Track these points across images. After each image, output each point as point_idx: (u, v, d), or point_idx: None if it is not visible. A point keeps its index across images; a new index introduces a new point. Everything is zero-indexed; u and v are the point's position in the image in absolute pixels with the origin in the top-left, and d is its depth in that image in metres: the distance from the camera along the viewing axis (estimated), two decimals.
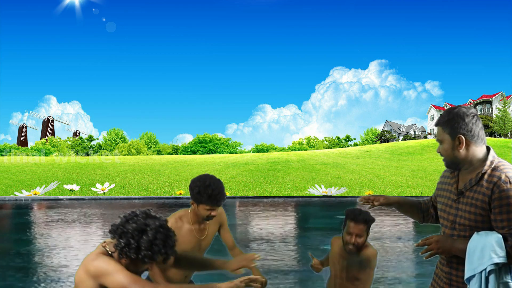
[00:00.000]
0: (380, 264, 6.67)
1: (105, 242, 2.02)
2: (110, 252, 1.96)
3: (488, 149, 2.08)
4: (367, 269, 2.75)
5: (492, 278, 1.90)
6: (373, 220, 2.72)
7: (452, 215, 2.10)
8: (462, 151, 2.05)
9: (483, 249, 1.91)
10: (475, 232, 1.99)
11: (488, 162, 2.03)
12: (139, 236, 1.90)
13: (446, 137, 2.07)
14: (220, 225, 2.90)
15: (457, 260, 2.07)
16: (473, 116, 2.04)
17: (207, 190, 2.57)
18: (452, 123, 2.05)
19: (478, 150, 2.06)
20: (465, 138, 2.03)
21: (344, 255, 2.77)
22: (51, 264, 6.88)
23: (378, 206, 2.35)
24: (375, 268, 2.80)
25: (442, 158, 2.13)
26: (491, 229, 1.98)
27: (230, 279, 2.09)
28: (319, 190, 19.49)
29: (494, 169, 2.01)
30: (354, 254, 2.73)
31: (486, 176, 2.01)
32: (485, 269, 1.90)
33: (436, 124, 2.13)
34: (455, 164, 2.10)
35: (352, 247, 2.69)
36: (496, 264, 1.89)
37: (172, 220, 2.71)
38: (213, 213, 2.66)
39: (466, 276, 1.95)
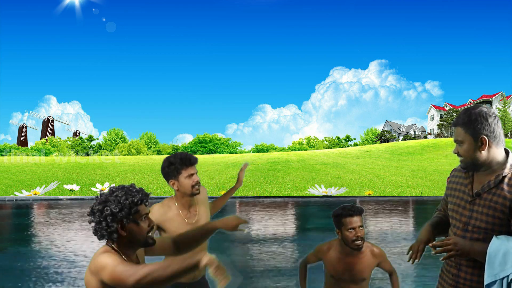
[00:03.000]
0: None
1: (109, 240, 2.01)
2: (114, 248, 1.94)
3: (507, 152, 2.04)
4: (374, 266, 2.74)
5: None
6: (363, 210, 2.74)
7: (465, 216, 2.05)
8: (484, 152, 1.98)
9: (506, 255, 1.85)
10: (494, 236, 1.92)
11: (508, 165, 1.99)
12: (106, 207, 1.90)
13: (468, 138, 1.99)
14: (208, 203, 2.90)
15: (466, 262, 2.03)
16: (495, 116, 2.00)
17: (175, 157, 2.63)
18: (475, 123, 1.97)
19: (498, 152, 2.00)
20: (487, 139, 1.97)
21: (349, 255, 2.71)
22: (51, 264, 6.87)
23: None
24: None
25: (460, 158, 2.06)
26: (507, 233, 1.93)
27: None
28: (319, 190, 19.48)
29: None
30: (361, 253, 2.70)
31: (506, 180, 1.96)
32: (507, 276, 1.83)
33: (456, 125, 2.04)
34: (474, 166, 2.03)
35: (361, 242, 2.64)
36: None
37: (156, 207, 2.66)
38: (195, 178, 2.62)
39: (486, 282, 1.88)
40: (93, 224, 1.93)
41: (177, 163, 2.61)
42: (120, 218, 1.89)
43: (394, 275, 2.83)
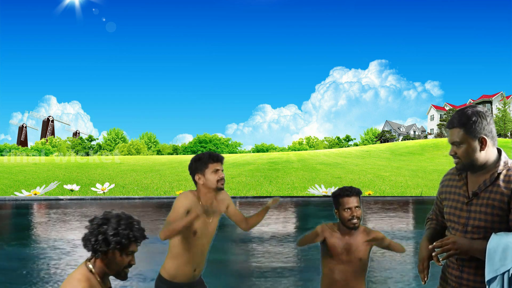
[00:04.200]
0: (378, 264, 6.67)
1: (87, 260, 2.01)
2: (91, 270, 1.96)
3: (499, 150, 2.03)
4: (371, 246, 2.80)
5: None
6: (361, 191, 2.84)
7: (464, 218, 2.04)
8: (483, 152, 1.97)
9: (505, 250, 1.85)
10: (493, 233, 1.92)
11: (502, 163, 1.99)
12: (103, 227, 1.93)
13: (467, 139, 1.97)
14: (228, 205, 2.97)
15: (469, 263, 2.02)
16: (490, 116, 1.99)
17: (204, 153, 2.80)
18: (475, 124, 1.95)
19: (493, 151, 2.00)
20: (487, 139, 1.97)
21: (346, 235, 2.78)
22: (50, 265, 6.87)
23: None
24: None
25: (456, 160, 2.03)
26: (507, 229, 1.93)
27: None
28: (319, 190, 19.48)
29: (510, 169, 1.97)
30: (357, 232, 2.77)
31: (502, 176, 1.96)
32: (508, 271, 1.84)
33: (452, 126, 2.01)
34: (472, 167, 2.01)
35: (357, 221, 2.73)
36: None
37: (190, 194, 2.75)
38: (220, 174, 2.74)
39: (487, 278, 1.89)
40: (87, 230, 1.96)
41: (205, 158, 2.76)
42: (109, 242, 1.92)
43: (391, 243, 2.85)
